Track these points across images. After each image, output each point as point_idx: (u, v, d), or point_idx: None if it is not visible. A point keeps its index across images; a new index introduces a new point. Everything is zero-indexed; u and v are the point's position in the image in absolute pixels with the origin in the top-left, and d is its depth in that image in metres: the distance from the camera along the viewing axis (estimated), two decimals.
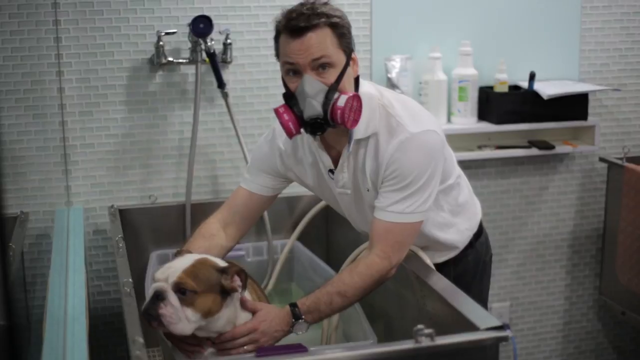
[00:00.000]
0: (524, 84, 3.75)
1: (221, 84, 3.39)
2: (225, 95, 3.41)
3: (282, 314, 2.36)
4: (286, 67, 2.38)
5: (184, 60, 3.40)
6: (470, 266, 2.74)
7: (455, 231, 2.67)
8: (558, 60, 3.90)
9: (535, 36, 3.85)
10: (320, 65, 2.33)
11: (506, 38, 3.81)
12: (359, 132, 2.41)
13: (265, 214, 3.44)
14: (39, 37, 3.27)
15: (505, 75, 3.70)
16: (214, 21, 3.28)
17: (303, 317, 2.35)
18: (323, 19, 2.33)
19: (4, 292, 1.11)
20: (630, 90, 4.04)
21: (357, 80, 2.46)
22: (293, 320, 2.35)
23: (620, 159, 3.82)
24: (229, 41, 3.43)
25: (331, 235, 3.51)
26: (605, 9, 3.93)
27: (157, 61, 3.37)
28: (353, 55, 2.41)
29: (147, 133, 3.46)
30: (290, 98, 2.37)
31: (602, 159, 3.95)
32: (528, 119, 3.71)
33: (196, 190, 3.50)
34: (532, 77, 3.71)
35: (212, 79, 3.40)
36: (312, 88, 2.32)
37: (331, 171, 2.54)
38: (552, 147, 3.78)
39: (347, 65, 2.37)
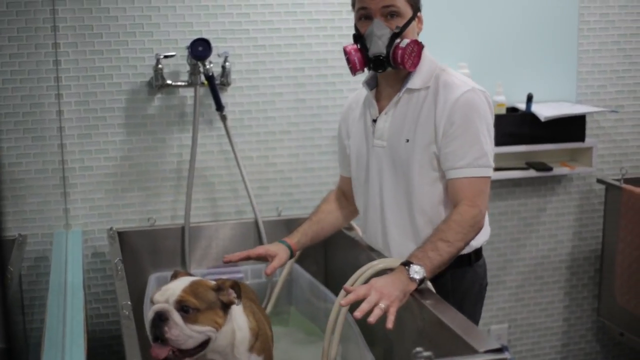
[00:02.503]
0: (522, 106, 3.76)
1: (220, 107, 3.40)
2: (223, 118, 3.42)
3: (395, 272, 2.41)
4: (360, 13, 2.65)
5: (183, 83, 3.41)
6: (467, 284, 2.74)
7: None
8: (555, 82, 3.92)
9: (532, 58, 3.86)
10: (389, 13, 2.60)
11: (503, 60, 3.83)
12: (414, 82, 2.65)
13: (264, 236, 3.45)
14: (38, 60, 3.28)
15: (503, 97, 3.72)
16: (213, 44, 3.29)
17: (414, 262, 2.39)
18: None
19: (3, 315, 1.11)
20: (628, 112, 4.06)
21: (421, 45, 2.67)
22: (406, 269, 2.38)
23: (618, 180, 3.83)
24: (227, 64, 3.45)
25: (330, 258, 3.50)
26: (602, 30, 3.95)
27: (156, 84, 3.38)
28: (419, 15, 2.68)
29: (146, 156, 3.46)
30: (359, 38, 2.66)
31: (599, 181, 3.96)
32: (525, 141, 3.72)
33: (195, 213, 3.50)
34: (529, 99, 3.72)
35: (211, 101, 3.41)
36: (379, 30, 2.59)
37: (374, 121, 2.74)
38: (550, 169, 3.79)
39: (412, 18, 2.63)
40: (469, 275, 2.76)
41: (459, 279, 2.72)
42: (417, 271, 2.38)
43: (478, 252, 2.78)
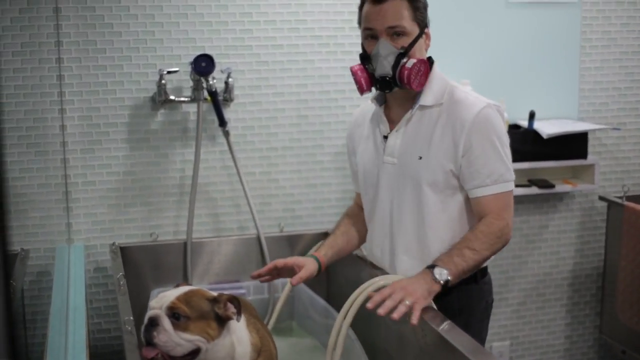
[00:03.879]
0: (524, 123, 3.76)
1: (222, 123, 3.41)
2: (226, 134, 3.42)
3: (419, 273, 2.47)
4: (366, 33, 2.64)
5: (186, 99, 3.42)
6: (474, 301, 2.74)
7: None
8: (557, 100, 3.93)
9: (534, 75, 3.87)
10: (395, 33, 2.58)
11: (506, 77, 3.84)
12: (426, 99, 2.65)
13: (267, 252, 3.45)
14: (41, 75, 3.29)
15: (505, 114, 3.71)
16: (216, 60, 3.30)
17: (439, 266, 2.45)
18: None
19: (8, 329, 1.12)
20: (630, 129, 4.06)
21: (431, 61, 2.70)
22: (431, 271, 2.43)
23: (620, 197, 3.83)
24: (230, 80, 3.46)
25: (332, 274, 3.50)
26: (604, 48, 3.96)
27: (159, 99, 3.39)
28: (426, 30, 2.66)
29: (149, 171, 3.47)
30: (366, 59, 2.65)
31: (601, 198, 3.96)
32: (528, 158, 3.72)
33: (197, 229, 3.50)
34: (531, 116, 3.73)
35: (214, 117, 3.42)
36: (385, 50, 2.58)
37: (385, 138, 2.74)
38: (552, 186, 3.79)
39: (419, 36, 2.61)
40: (475, 292, 2.75)
41: (466, 296, 2.71)
42: (441, 273, 2.43)
43: (483, 270, 2.77)
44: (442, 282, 2.42)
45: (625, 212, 3.73)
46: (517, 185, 3.72)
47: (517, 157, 3.68)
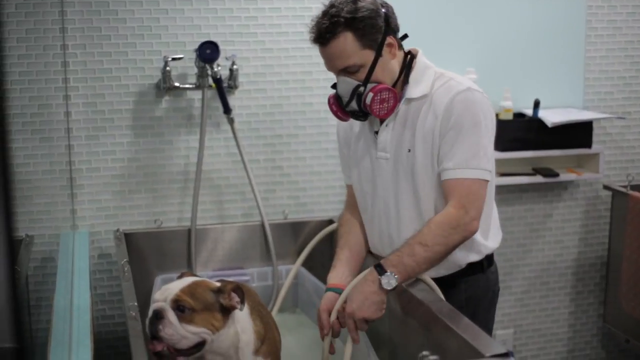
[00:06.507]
0: (529, 112, 3.76)
1: (227, 110, 3.41)
2: (231, 121, 3.42)
3: (365, 277, 2.47)
4: None
5: (191, 86, 3.42)
6: (480, 291, 2.73)
7: (471, 241, 2.62)
8: (562, 88, 3.92)
9: (540, 64, 3.86)
10: (348, 71, 2.52)
11: (511, 66, 3.83)
12: (412, 92, 2.58)
13: (270, 239, 3.46)
14: (46, 62, 3.29)
15: (510, 102, 3.72)
16: (221, 47, 3.30)
17: (388, 270, 2.41)
18: (340, 28, 2.47)
19: (14, 314, 1.12)
20: (635, 118, 4.05)
21: (411, 55, 2.63)
22: (379, 277, 2.41)
23: (625, 186, 3.83)
24: (235, 67, 3.45)
25: None
26: (609, 37, 3.95)
27: (164, 86, 3.39)
28: (388, 40, 2.53)
29: (153, 158, 3.47)
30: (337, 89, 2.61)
31: (606, 187, 3.96)
32: (532, 147, 3.72)
33: (201, 215, 3.50)
34: (536, 104, 3.72)
35: (218, 104, 3.42)
36: (343, 89, 2.56)
37: (376, 133, 2.67)
38: (557, 175, 3.79)
39: (376, 59, 2.51)
40: (482, 282, 2.73)
41: (473, 287, 2.69)
42: (389, 282, 2.41)
43: (490, 258, 2.75)
44: (389, 289, 2.41)
45: (630, 201, 3.73)
46: (521, 174, 3.77)
47: (521, 145, 3.70)
